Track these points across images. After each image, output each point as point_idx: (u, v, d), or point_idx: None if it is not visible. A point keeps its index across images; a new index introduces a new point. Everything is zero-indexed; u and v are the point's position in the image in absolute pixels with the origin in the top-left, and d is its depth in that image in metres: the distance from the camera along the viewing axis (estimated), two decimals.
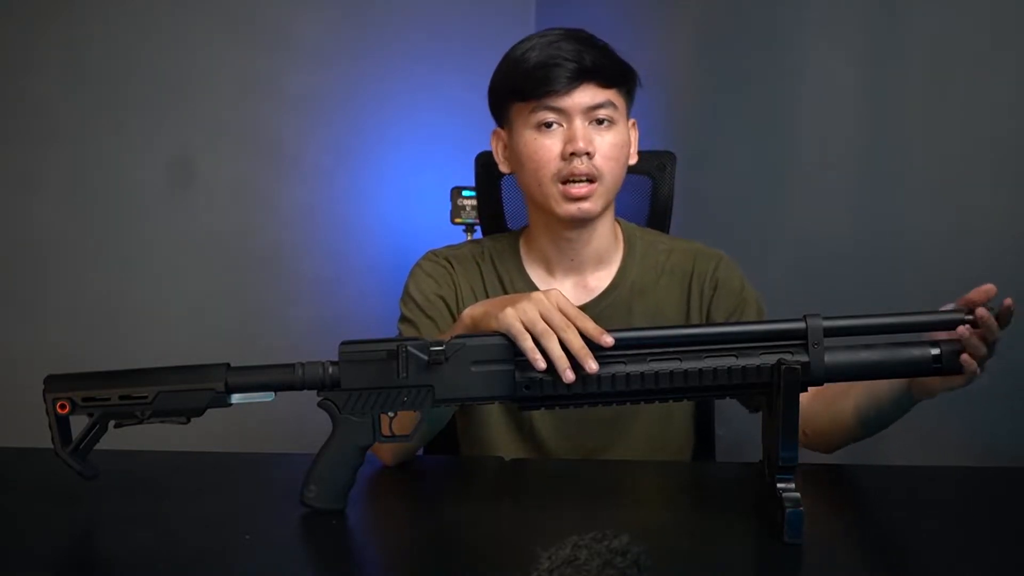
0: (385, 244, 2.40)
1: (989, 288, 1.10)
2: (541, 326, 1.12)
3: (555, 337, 1.11)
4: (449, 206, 2.33)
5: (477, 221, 1.83)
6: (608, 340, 1.11)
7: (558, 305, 1.13)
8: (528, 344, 1.11)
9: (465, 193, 2.29)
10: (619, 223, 1.51)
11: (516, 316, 1.12)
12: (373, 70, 2.41)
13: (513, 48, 1.42)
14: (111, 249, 2.37)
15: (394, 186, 2.42)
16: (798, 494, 1.05)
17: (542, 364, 1.11)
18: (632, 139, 1.45)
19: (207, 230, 2.38)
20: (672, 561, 0.99)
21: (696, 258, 1.49)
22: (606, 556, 0.90)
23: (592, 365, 1.10)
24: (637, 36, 2.22)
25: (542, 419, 1.46)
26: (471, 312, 1.23)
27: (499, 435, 1.47)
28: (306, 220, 2.43)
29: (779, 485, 1.06)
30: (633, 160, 1.46)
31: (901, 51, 1.92)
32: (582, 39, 1.39)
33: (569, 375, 1.10)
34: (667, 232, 1.66)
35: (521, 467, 1.38)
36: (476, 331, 1.19)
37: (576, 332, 1.11)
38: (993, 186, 1.83)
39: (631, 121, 1.45)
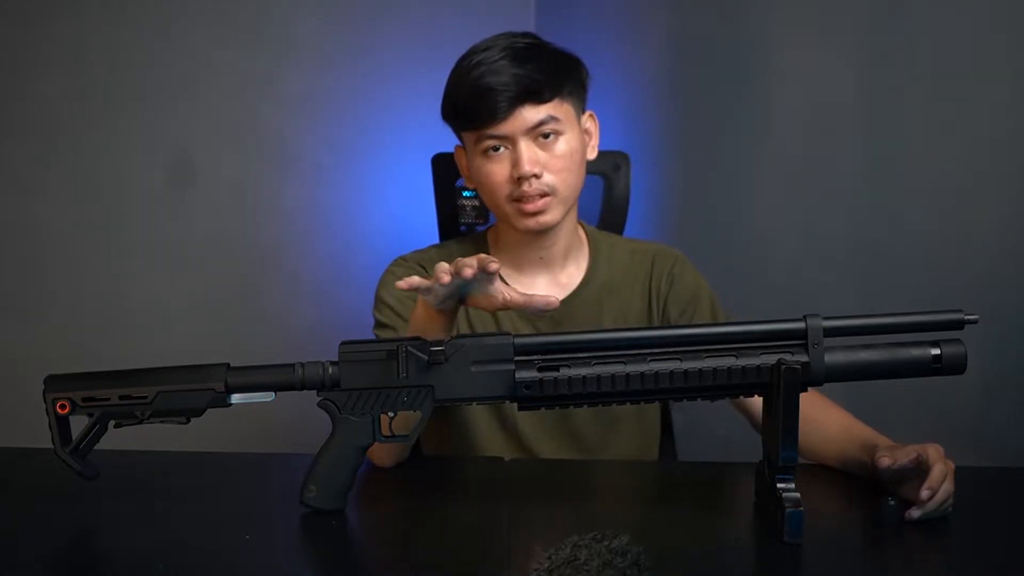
0: (385, 244, 2.39)
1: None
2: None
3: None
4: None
5: (479, 221, 1.84)
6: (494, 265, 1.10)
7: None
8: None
9: (466, 194, 2.29)
10: (581, 224, 1.53)
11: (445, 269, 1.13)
12: (373, 70, 2.40)
13: (459, 61, 1.41)
14: (111, 249, 2.36)
15: (394, 186, 2.41)
16: (798, 494, 1.05)
17: (446, 277, 1.11)
18: (592, 131, 1.45)
19: (207, 230, 2.38)
20: (672, 561, 0.99)
21: (655, 258, 1.52)
22: (606, 556, 0.90)
23: (493, 265, 1.10)
24: (637, 35, 2.22)
25: (525, 418, 1.46)
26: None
27: (482, 434, 1.47)
28: (306, 220, 2.42)
29: (779, 485, 1.06)
30: (592, 155, 1.45)
31: (901, 51, 1.92)
32: (519, 56, 1.36)
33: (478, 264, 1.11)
34: (624, 230, 1.70)
35: (521, 467, 1.38)
36: (423, 316, 1.20)
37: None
38: (993, 186, 1.83)
39: (587, 114, 1.44)
